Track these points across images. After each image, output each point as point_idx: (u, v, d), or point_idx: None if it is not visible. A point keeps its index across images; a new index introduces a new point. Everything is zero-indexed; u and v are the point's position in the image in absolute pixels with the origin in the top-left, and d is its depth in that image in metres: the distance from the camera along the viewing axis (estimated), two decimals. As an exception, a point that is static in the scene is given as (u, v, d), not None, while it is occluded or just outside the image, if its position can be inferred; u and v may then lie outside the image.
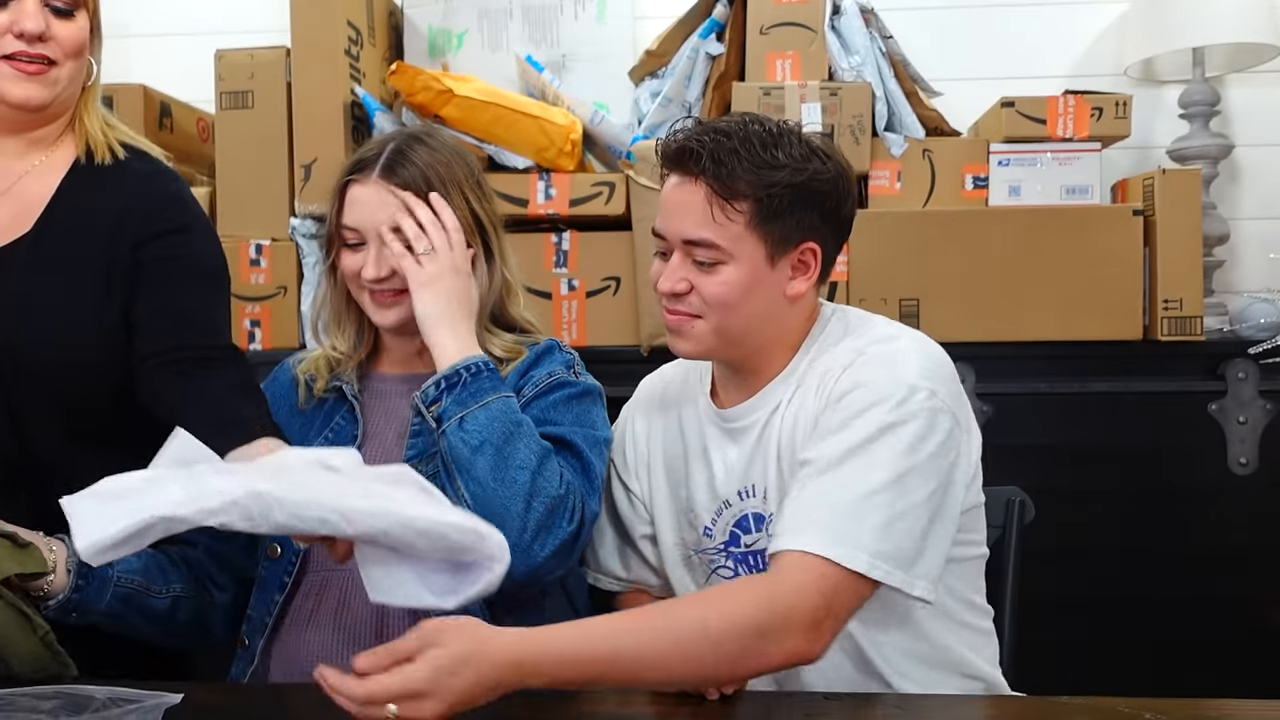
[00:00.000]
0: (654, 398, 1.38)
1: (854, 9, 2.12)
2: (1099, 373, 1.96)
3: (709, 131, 1.16)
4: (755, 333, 1.21)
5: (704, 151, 1.13)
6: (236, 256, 2.08)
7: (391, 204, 1.30)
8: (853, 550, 1.04)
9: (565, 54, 2.40)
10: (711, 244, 1.15)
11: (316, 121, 2.05)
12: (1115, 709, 1.05)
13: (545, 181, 2.03)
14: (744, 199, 1.14)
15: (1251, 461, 1.95)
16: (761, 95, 2.04)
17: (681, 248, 1.18)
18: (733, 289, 1.16)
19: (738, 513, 1.25)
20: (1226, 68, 2.35)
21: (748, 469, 1.24)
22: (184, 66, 2.33)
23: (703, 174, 1.14)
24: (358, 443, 1.32)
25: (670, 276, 1.18)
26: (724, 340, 1.20)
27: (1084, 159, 2.03)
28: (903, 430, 1.09)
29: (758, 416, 1.24)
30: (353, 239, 1.32)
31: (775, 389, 1.23)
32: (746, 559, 1.25)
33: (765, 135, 1.15)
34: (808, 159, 1.16)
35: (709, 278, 1.17)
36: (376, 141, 1.36)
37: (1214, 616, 1.92)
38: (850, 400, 1.12)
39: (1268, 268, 2.36)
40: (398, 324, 1.33)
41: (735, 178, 1.13)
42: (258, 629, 1.29)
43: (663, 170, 1.21)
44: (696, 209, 1.15)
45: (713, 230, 1.14)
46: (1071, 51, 2.45)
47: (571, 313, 2.03)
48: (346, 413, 1.35)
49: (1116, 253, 1.96)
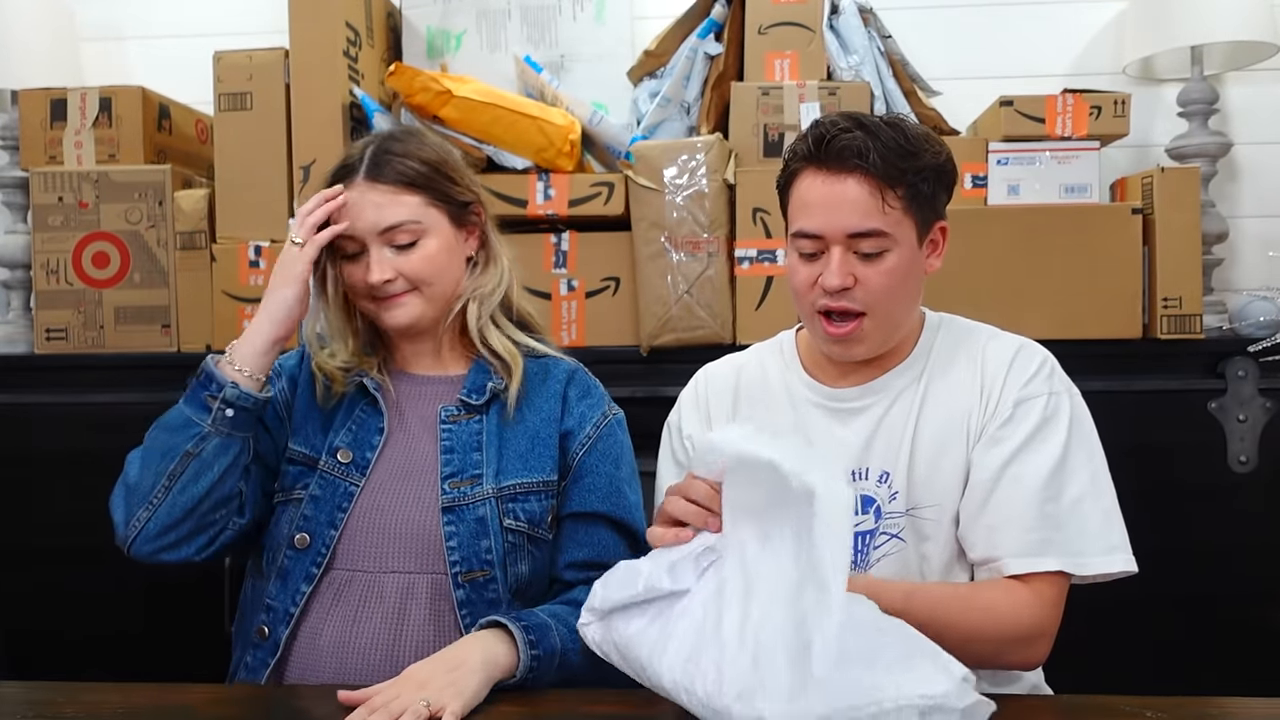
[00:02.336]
0: (729, 377, 1.40)
1: (852, 8, 2.11)
2: (1098, 371, 1.96)
3: (854, 127, 1.19)
4: (905, 317, 1.28)
5: (867, 146, 1.17)
6: (235, 258, 2.08)
7: (385, 204, 1.31)
8: (1082, 559, 1.17)
9: (564, 54, 2.40)
10: (880, 232, 1.19)
11: (315, 123, 2.05)
12: (1116, 707, 1.05)
13: (544, 182, 2.02)
14: (901, 185, 1.19)
15: (1251, 460, 1.95)
16: (760, 95, 2.04)
17: (844, 242, 1.20)
18: (894, 275, 1.21)
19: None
20: (1225, 66, 2.34)
21: (863, 452, 1.28)
22: (183, 68, 2.33)
23: (867, 168, 1.17)
24: (384, 436, 1.33)
25: (838, 271, 1.20)
26: (887, 331, 1.26)
27: (1083, 158, 2.03)
28: (1078, 438, 1.22)
29: (875, 400, 1.29)
30: (352, 249, 1.32)
31: (896, 377, 1.29)
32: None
33: (895, 125, 1.21)
34: (934, 142, 1.23)
35: (873, 268, 1.21)
36: (355, 147, 1.37)
37: (1214, 615, 1.92)
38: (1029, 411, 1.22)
39: (1267, 266, 2.36)
40: (411, 323, 1.34)
41: (892, 166, 1.18)
42: (281, 619, 1.28)
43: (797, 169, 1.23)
44: (861, 201, 1.18)
45: (880, 219, 1.19)
46: (1070, 50, 2.45)
47: (571, 313, 2.03)
48: (368, 405, 1.36)
49: (1115, 251, 1.96)
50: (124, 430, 2.09)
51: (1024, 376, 1.24)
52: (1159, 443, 1.95)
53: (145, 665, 1.28)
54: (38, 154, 2.19)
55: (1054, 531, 1.17)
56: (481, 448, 1.32)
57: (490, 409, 1.35)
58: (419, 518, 1.29)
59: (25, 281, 2.29)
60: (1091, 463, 1.22)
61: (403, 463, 1.32)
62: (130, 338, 2.11)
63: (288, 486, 1.33)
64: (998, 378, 1.25)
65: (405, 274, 1.32)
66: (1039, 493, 1.18)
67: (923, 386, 1.28)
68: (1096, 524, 1.19)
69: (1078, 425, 1.23)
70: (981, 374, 1.26)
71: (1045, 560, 1.16)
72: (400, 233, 1.32)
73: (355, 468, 1.31)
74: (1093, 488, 1.20)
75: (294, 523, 1.30)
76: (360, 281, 1.32)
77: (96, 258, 2.10)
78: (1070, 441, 1.21)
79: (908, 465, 1.26)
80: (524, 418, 1.35)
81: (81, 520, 2.06)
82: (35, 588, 2.07)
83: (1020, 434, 1.21)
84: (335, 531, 1.28)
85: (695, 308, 1.97)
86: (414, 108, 2.04)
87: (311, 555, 1.28)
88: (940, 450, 1.25)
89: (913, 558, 1.26)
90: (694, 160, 1.96)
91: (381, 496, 1.30)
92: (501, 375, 1.36)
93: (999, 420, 1.22)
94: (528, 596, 1.33)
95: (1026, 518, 1.18)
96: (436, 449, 1.32)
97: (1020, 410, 1.22)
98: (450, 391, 1.37)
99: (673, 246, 1.97)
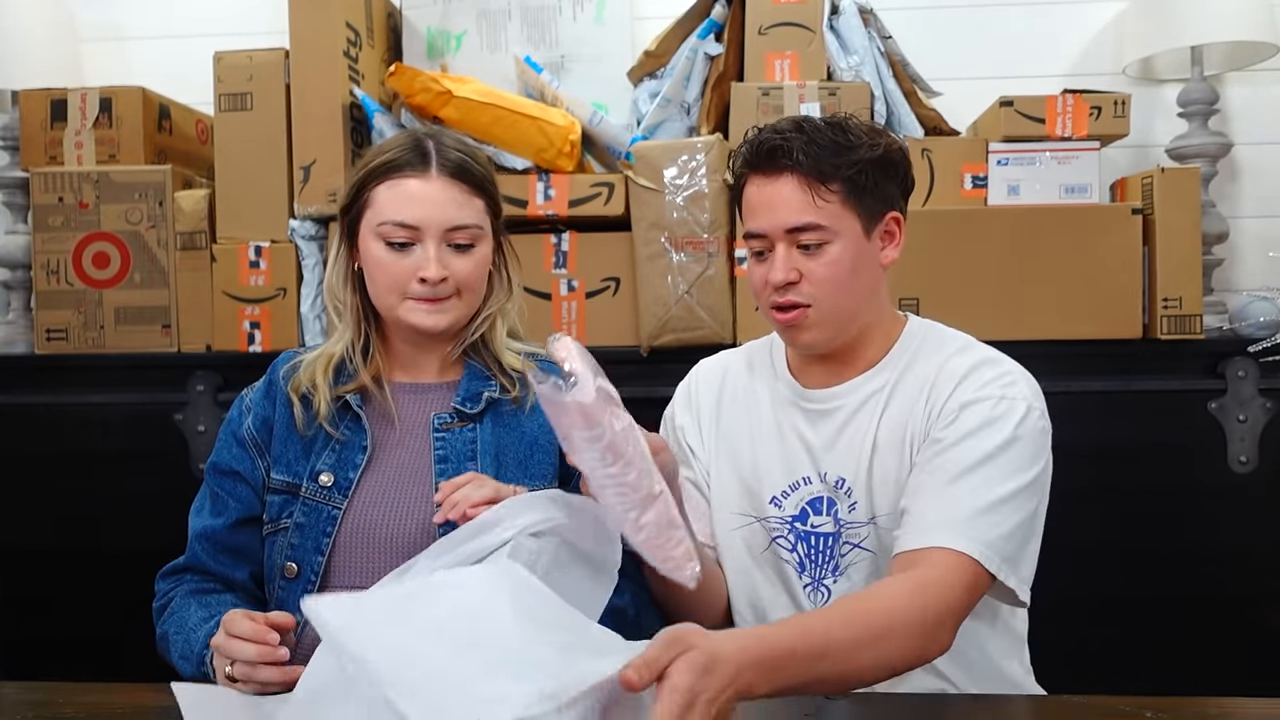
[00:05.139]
0: (716, 372, 1.44)
1: (852, 9, 2.12)
2: (1098, 371, 1.96)
3: (786, 130, 1.24)
4: (863, 309, 1.28)
5: (792, 145, 1.21)
6: (235, 258, 2.08)
7: (458, 202, 1.29)
8: (990, 552, 1.12)
9: (564, 55, 2.40)
10: (816, 225, 1.22)
11: (315, 123, 2.06)
12: (1115, 707, 1.05)
13: (544, 182, 2.02)
14: (835, 179, 1.22)
15: (1251, 460, 1.95)
16: (760, 95, 2.04)
17: (785, 238, 1.24)
18: (840, 266, 1.23)
19: (812, 493, 1.30)
20: (1225, 66, 2.34)
21: (829, 454, 1.29)
22: (183, 68, 2.33)
23: (795, 166, 1.21)
24: (367, 454, 1.30)
25: (781, 266, 1.24)
26: (838, 322, 1.26)
27: (1083, 158, 2.03)
28: (1021, 447, 1.18)
29: (845, 403, 1.30)
30: (401, 238, 1.28)
31: (868, 380, 1.30)
32: (808, 537, 1.30)
33: (834, 123, 1.25)
34: (876, 135, 1.26)
35: (816, 261, 1.23)
36: (407, 139, 1.32)
37: (1214, 615, 1.92)
38: (973, 413, 1.19)
39: (1267, 266, 2.36)
40: (446, 328, 1.31)
41: (823, 161, 1.21)
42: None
43: (741, 177, 1.28)
44: (794, 198, 1.22)
45: (814, 213, 1.22)
46: (1070, 50, 2.45)
47: (571, 313, 2.03)
48: (352, 422, 1.32)
49: (1116, 251, 1.96)
50: (124, 430, 2.11)
51: (977, 383, 1.21)
52: (1159, 443, 1.95)
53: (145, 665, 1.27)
54: (38, 154, 2.19)
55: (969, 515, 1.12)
56: (476, 456, 1.30)
57: (485, 417, 1.33)
58: (414, 529, 1.26)
59: (25, 282, 2.29)
60: (1024, 475, 1.16)
61: (394, 475, 1.30)
62: (130, 338, 2.11)
63: (274, 517, 1.30)
64: (946, 388, 1.23)
65: (456, 276, 1.29)
66: (961, 480, 1.15)
67: (887, 393, 1.28)
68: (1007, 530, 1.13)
69: (1026, 434, 1.18)
70: (933, 384, 1.24)
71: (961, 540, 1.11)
72: (463, 234, 1.29)
73: (337, 490, 1.28)
74: (1017, 499, 1.15)
75: (283, 552, 1.28)
76: (405, 274, 1.28)
77: (97, 258, 2.11)
78: (1011, 445, 1.17)
79: (866, 473, 1.26)
80: (520, 424, 1.33)
81: (81, 520, 2.07)
82: (35, 588, 2.07)
83: (956, 433, 1.18)
84: (322, 558, 1.26)
85: (695, 308, 1.97)
86: (414, 108, 2.04)
87: (301, 584, 1.27)
88: (893, 457, 1.25)
89: (883, 569, 1.25)
90: (694, 160, 1.96)
91: (373, 512, 1.27)
92: (505, 386, 1.34)
93: (942, 423, 1.21)
94: None
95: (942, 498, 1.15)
96: (430, 458, 1.30)
97: (965, 412, 1.19)
98: (443, 399, 1.34)
99: (673, 247, 1.97)
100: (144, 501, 2.00)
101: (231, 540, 1.32)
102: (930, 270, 1.97)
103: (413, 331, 1.32)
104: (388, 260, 1.28)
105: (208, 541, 1.32)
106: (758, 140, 1.25)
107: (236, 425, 1.36)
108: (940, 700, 1.17)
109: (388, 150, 1.31)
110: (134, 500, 2.03)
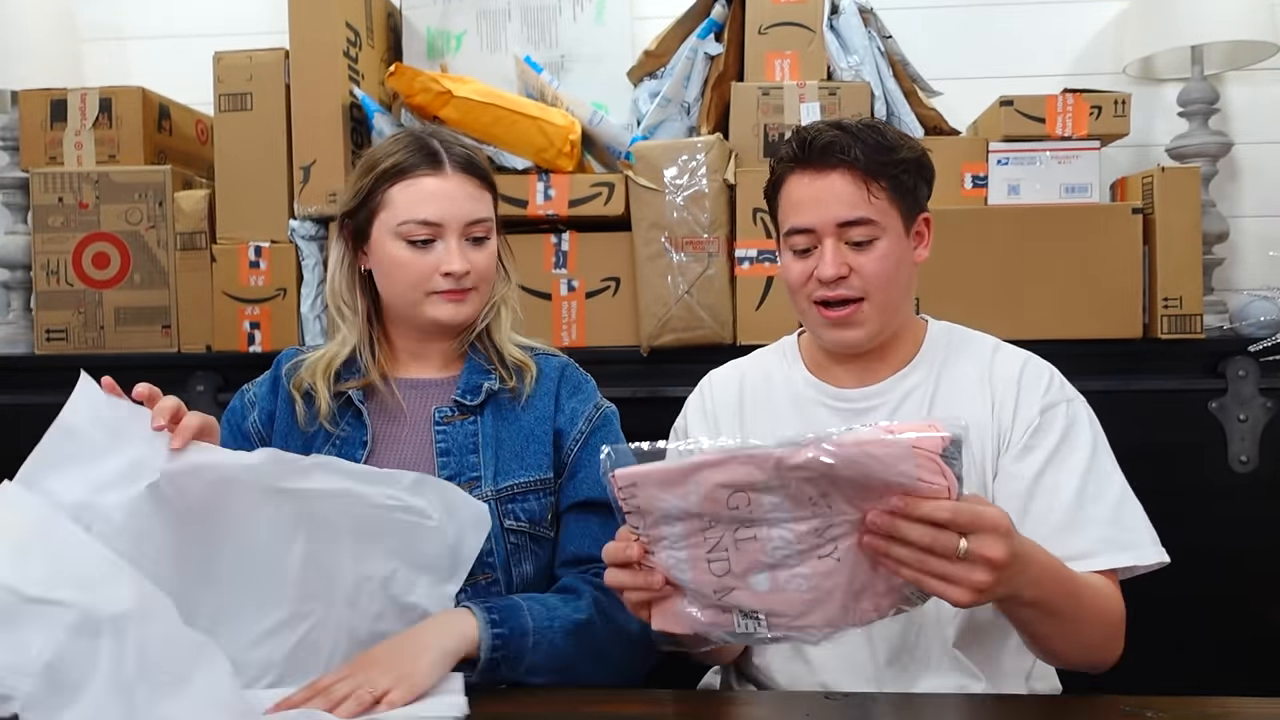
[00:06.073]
0: (733, 381, 1.43)
1: (852, 8, 2.11)
2: (1098, 371, 1.96)
3: (835, 128, 1.26)
4: (903, 306, 1.31)
5: (845, 142, 1.23)
6: (235, 259, 2.08)
7: (473, 197, 1.32)
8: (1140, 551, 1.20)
9: (564, 55, 2.40)
10: (868, 220, 1.24)
11: (315, 123, 2.05)
12: (1116, 707, 1.05)
13: (544, 182, 2.02)
14: (883, 177, 1.24)
15: (1252, 459, 1.95)
16: (760, 95, 2.04)
17: (835, 232, 1.25)
18: (888, 261, 1.26)
19: None
20: (1225, 65, 2.34)
21: None
22: (183, 69, 2.33)
23: (852, 161, 1.23)
24: (367, 449, 1.31)
25: (832, 261, 1.25)
26: (885, 317, 1.29)
27: (1083, 157, 2.02)
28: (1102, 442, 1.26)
29: (885, 400, 1.31)
30: (425, 234, 1.30)
31: (904, 378, 1.32)
32: None
33: (872, 125, 1.28)
34: (908, 139, 1.29)
35: (866, 255, 1.25)
36: (409, 140, 1.34)
37: (1214, 615, 1.92)
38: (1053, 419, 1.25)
39: (1267, 265, 2.36)
40: (464, 320, 1.35)
41: (873, 159, 1.24)
42: None
43: (784, 172, 1.29)
44: (847, 193, 1.24)
45: (867, 208, 1.24)
46: (1070, 50, 2.45)
47: (571, 313, 2.03)
48: (353, 418, 1.34)
49: (1116, 251, 1.96)
50: (124, 431, 2.11)
51: (1041, 385, 1.28)
52: (1159, 443, 1.95)
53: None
54: (38, 154, 2.19)
55: (1110, 529, 1.20)
56: (478, 449, 1.31)
57: (485, 409, 1.34)
58: None
59: (25, 282, 2.29)
60: (1117, 466, 1.26)
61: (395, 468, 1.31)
62: (130, 338, 2.11)
63: None
64: (1010, 387, 1.28)
65: (476, 269, 1.33)
66: (1079, 496, 1.21)
67: (932, 387, 1.30)
68: (1139, 519, 1.23)
69: (1096, 431, 1.27)
70: (991, 383, 1.29)
71: (1114, 557, 1.19)
72: (480, 227, 1.33)
73: None
74: (1124, 489, 1.24)
75: None
76: (427, 270, 1.30)
77: (97, 258, 2.11)
78: (1096, 446, 1.25)
79: None
80: (519, 417, 1.35)
81: (82, 521, 2.06)
82: (35, 588, 2.07)
83: (1050, 441, 1.24)
84: None
85: (695, 308, 1.97)
86: (414, 108, 2.04)
87: None
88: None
89: None
90: (694, 160, 1.96)
91: None
92: (504, 378, 1.36)
93: (1023, 428, 1.25)
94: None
95: (1076, 521, 1.20)
96: (432, 451, 1.31)
97: (1047, 417, 1.25)
98: (444, 393, 1.36)
99: (673, 246, 1.97)
100: (144, 502, 1.99)
101: None
102: (930, 270, 1.94)
103: (433, 325, 1.34)
104: (409, 259, 1.31)
105: None
106: (808, 136, 1.26)
107: (240, 418, 1.38)
108: (941, 700, 1.17)
109: (394, 152, 1.33)
110: (134, 500, 2.02)
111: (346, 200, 1.37)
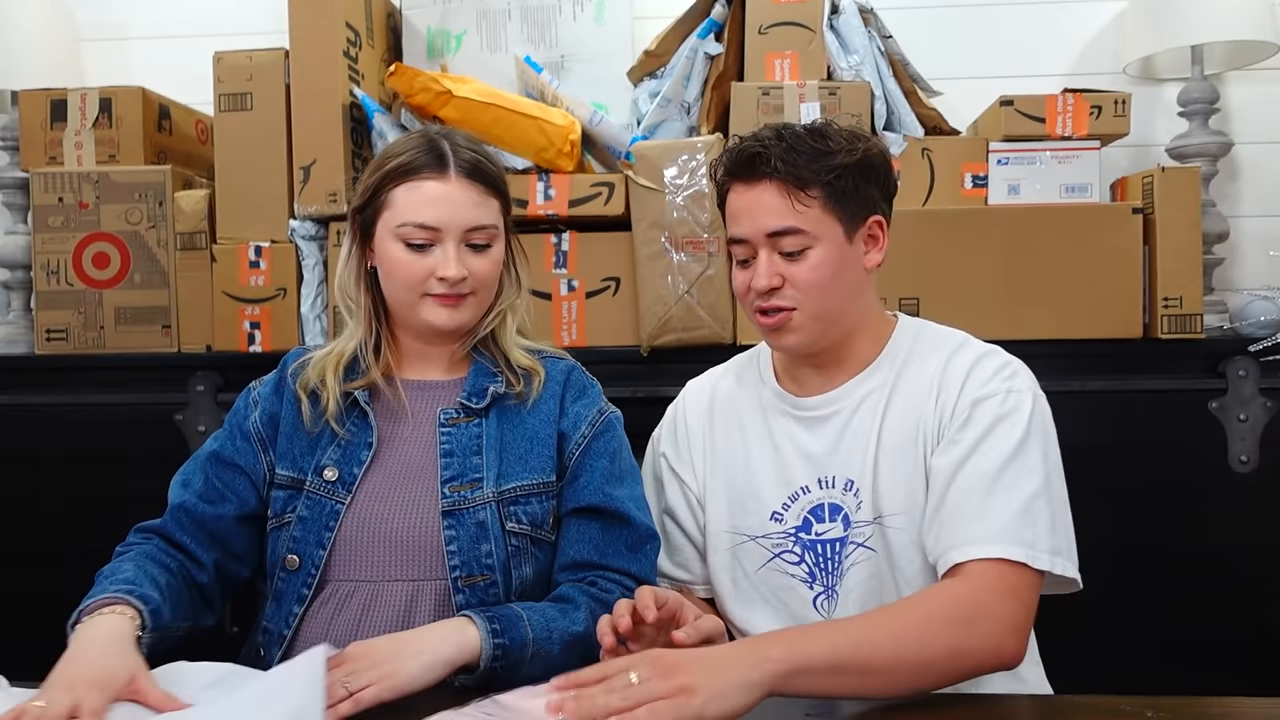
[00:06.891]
0: (705, 391, 1.45)
1: (852, 8, 2.11)
2: (1099, 371, 1.96)
3: (765, 138, 1.26)
4: (847, 312, 1.29)
5: (770, 153, 1.23)
6: (235, 259, 2.08)
7: (476, 203, 1.31)
8: (1035, 551, 1.14)
9: (564, 54, 2.40)
10: (796, 230, 1.24)
11: (315, 123, 2.05)
12: (1116, 707, 1.05)
13: (544, 182, 2.02)
14: (814, 185, 1.23)
15: (1252, 459, 1.95)
16: (760, 95, 2.04)
17: (767, 243, 1.25)
18: (822, 270, 1.25)
19: (814, 500, 1.30)
20: (1225, 65, 2.34)
21: (833, 458, 1.30)
22: (183, 68, 2.33)
23: (774, 172, 1.23)
24: (372, 450, 1.31)
25: (764, 272, 1.25)
26: (822, 325, 1.27)
27: (1083, 157, 2.03)
28: (1036, 438, 1.20)
29: (842, 406, 1.31)
30: (424, 239, 1.30)
31: (862, 382, 1.31)
32: (814, 546, 1.30)
33: (814, 130, 1.27)
34: (855, 140, 1.27)
35: (799, 266, 1.25)
36: (420, 141, 1.33)
37: (1214, 615, 1.92)
38: (985, 410, 1.22)
39: (1267, 265, 2.36)
40: (460, 325, 1.34)
41: (801, 167, 1.23)
42: (275, 641, 1.28)
43: (724, 185, 1.30)
44: (774, 204, 1.24)
45: (795, 218, 1.23)
46: (1070, 50, 2.45)
47: (571, 313, 2.03)
48: (359, 418, 1.34)
49: (1116, 251, 1.96)
50: (124, 431, 2.11)
51: (982, 378, 1.24)
52: (1160, 443, 1.95)
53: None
54: (38, 154, 2.19)
55: (1012, 521, 1.15)
56: (481, 451, 1.31)
57: (490, 412, 1.35)
58: (418, 523, 1.28)
59: (25, 282, 2.29)
60: (1046, 464, 1.20)
61: (400, 470, 1.31)
62: (130, 338, 2.11)
63: (279, 512, 1.32)
64: (955, 382, 1.25)
65: (474, 275, 1.32)
66: (991, 484, 1.17)
67: (887, 392, 1.29)
68: (1050, 523, 1.17)
69: (1037, 425, 1.21)
70: (940, 380, 1.26)
71: (1004, 549, 1.14)
72: (481, 234, 1.31)
73: (341, 485, 1.29)
74: (1045, 489, 1.18)
75: (285, 545, 1.30)
76: (423, 273, 1.30)
77: (97, 258, 2.11)
78: (1027, 439, 1.20)
79: (873, 472, 1.27)
80: (523, 420, 1.35)
81: (80, 521, 2.07)
82: (34, 588, 2.07)
83: (975, 433, 1.21)
84: (324, 551, 1.27)
85: (695, 308, 1.97)
86: (414, 108, 2.04)
87: (302, 576, 1.28)
88: (901, 457, 1.26)
89: (885, 568, 1.26)
90: (694, 160, 1.96)
91: (377, 506, 1.29)
92: (511, 381, 1.36)
93: (956, 424, 1.22)
94: (532, 599, 1.32)
95: (979, 508, 1.17)
96: (436, 452, 1.31)
97: (977, 410, 1.22)
98: (449, 395, 1.36)
99: (673, 246, 1.97)
100: (144, 501, 1.99)
101: (215, 525, 1.33)
102: (930, 270, 1.97)
103: (428, 329, 1.34)
104: (406, 260, 1.30)
105: (186, 516, 1.32)
106: (737, 149, 1.27)
107: (242, 418, 1.38)
108: (941, 700, 1.17)
109: (403, 152, 1.32)
110: (134, 500, 2.01)
111: (357, 196, 1.37)
